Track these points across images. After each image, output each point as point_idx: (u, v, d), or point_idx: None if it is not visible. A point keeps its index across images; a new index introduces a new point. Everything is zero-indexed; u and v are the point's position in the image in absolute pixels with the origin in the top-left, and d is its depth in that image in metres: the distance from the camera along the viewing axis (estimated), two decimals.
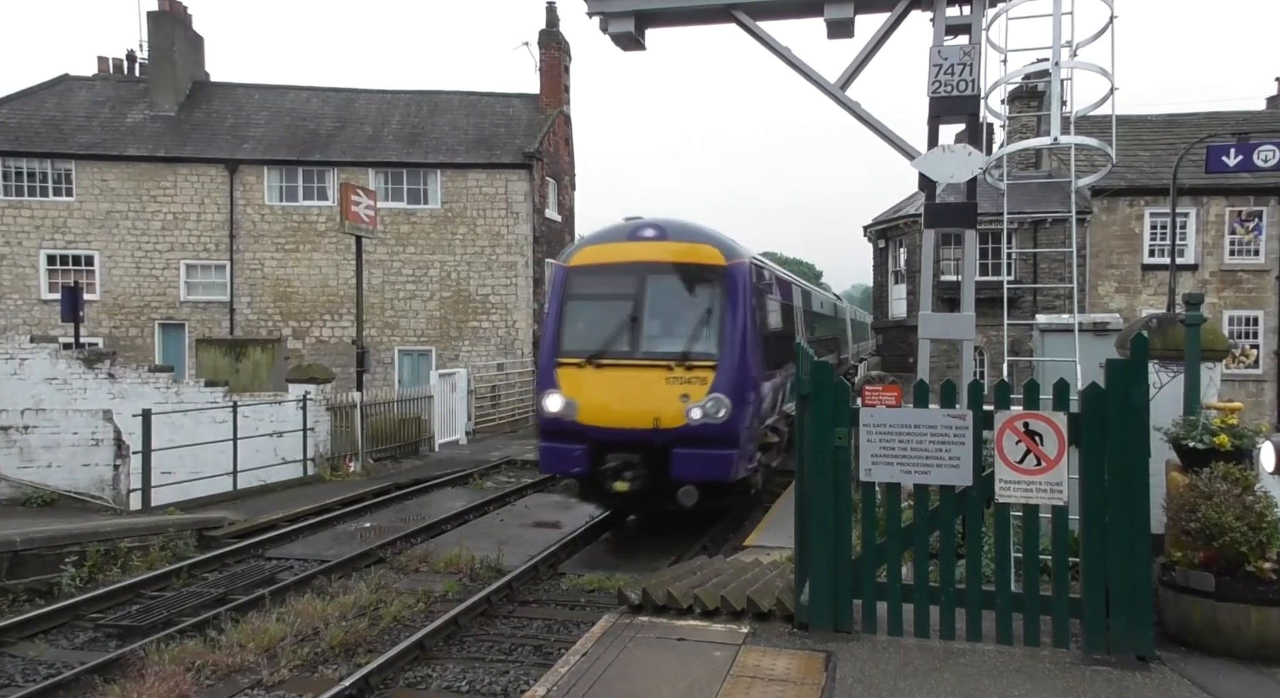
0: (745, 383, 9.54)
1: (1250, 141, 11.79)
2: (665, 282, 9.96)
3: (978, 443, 5.22)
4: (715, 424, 9.24)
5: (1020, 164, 24.61)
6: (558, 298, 10.42)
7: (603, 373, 9.68)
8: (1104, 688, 4.58)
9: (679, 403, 9.29)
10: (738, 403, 9.34)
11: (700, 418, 9.20)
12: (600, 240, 10.72)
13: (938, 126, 8.60)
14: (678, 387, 9.38)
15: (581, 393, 9.66)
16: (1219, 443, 5.47)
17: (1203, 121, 26.13)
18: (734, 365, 9.47)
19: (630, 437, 9.39)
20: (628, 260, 10.15)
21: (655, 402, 9.33)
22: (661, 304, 9.91)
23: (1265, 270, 24.83)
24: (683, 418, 9.24)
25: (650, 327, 9.83)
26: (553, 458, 9.96)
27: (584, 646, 5.29)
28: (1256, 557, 5.00)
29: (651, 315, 9.87)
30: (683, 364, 9.46)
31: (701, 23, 9.86)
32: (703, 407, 9.22)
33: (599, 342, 9.87)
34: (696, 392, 9.31)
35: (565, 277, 10.54)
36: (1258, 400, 24.25)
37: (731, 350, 9.53)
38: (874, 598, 5.43)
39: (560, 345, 10.09)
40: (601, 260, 10.40)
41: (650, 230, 10.27)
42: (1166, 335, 6.66)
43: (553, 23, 27.62)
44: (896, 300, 28.14)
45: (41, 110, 26.20)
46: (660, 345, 9.73)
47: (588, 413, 9.57)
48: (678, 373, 9.43)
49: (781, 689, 4.61)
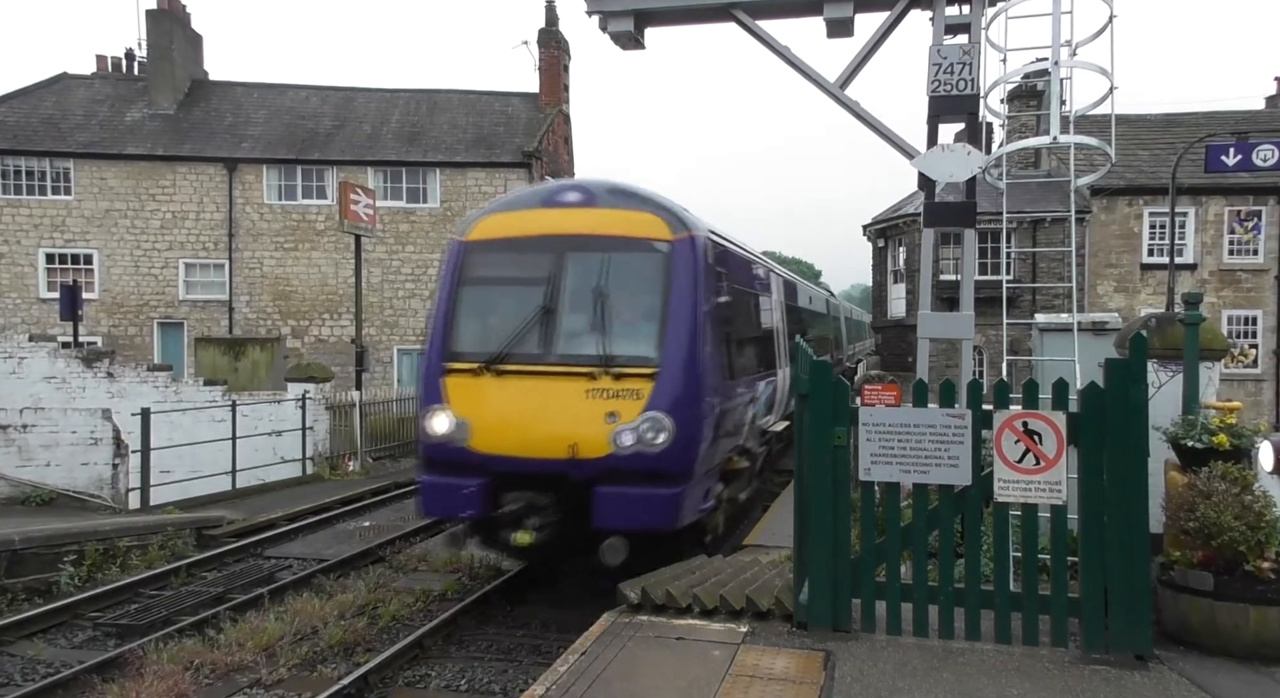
0: (696, 396, 7.40)
1: (1249, 141, 11.80)
2: (591, 261, 7.75)
3: (977, 442, 5.22)
4: (652, 453, 7.08)
5: (1019, 163, 24.61)
6: (449, 283, 8.18)
7: (505, 383, 7.51)
8: (1102, 687, 4.58)
9: (604, 425, 7.14)
10: (685, 423, 7.20)
11: (632, 445, 7.08)
12: (508, 207, 8.37)
13: (937, 126, 8.60)
14: (603, 402, 7.24)
15: (476, 410, 7.48)
16: (1218, 442, 5.47)
17: (1202, 121, 26.15)
18: (681, 373, 7.32)
19: (539, 469, 7.24)
20: (542, 233, 7.95)
21: (573, 422, 7.22)
22: (585, 291, 7.69)
23: (1264, 270, 24.86)
24: (608, 445, 7.10)
25: (570, 321, 7.65)
26: (436, 497, 7.62)
27: (583, 644, 5.29)
28: (1255, 556, 5.01)
29: (572, 306, 7.67)
30: (611, 372, 7.28)
31: (701, 22, 9.85)
32: (636, 429, 7.09)
33: (501, 341, 7.67)
34: (628, 409, 7.17)
35: (460, 254, 8.23)
36: (1256, 400, 24.28)
37: (677, 353, 7.34)
38: (873, 597, 5.43)
39: (450, 346, 7.87)
40: (508, 233, 8.12)
41: (573, 193, 8.05)
42: (1165, 335, 6.66)
43: (552, 22, 27.61)
44: (895, 300, 28.15)
45: (40, 109, 26.16)
46: (581, 346, 7.53)
47: (484, 436, 7.39)
48: (604, 384, 7.28)
49: (780, 689, 4.61)
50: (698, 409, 7.41)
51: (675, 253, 7.66)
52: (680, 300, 7.52)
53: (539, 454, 7.23)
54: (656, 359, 7.35)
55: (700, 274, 7.68)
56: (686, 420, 7.24)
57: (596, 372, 7.32)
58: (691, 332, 7.47)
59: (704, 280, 7.73)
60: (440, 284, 8.35)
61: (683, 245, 7.70)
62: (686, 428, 7.22)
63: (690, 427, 7.28)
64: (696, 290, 7.61)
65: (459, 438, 7.46)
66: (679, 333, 7.43)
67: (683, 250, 7.68)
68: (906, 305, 26.43)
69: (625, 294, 7.72)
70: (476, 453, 7.40)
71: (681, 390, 7.31)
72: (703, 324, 7.58)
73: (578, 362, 7.42)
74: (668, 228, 7.76)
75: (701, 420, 7.45)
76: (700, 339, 7.52)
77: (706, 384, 7.59)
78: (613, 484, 7.10)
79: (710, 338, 7.73)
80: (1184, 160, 18.32)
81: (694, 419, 7.34)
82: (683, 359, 7.39)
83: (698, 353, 7.48)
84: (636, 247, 7.75)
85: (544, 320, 7.63)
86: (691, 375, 7.41)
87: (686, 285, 7.58)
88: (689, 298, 7.55)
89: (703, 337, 7.56)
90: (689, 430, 7.26)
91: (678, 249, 7.68)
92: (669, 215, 7.87)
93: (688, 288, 7.57)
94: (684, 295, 7.54)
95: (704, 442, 7.50)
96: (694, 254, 7.71)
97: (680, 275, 7.60)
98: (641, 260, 7.73)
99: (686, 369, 7.39)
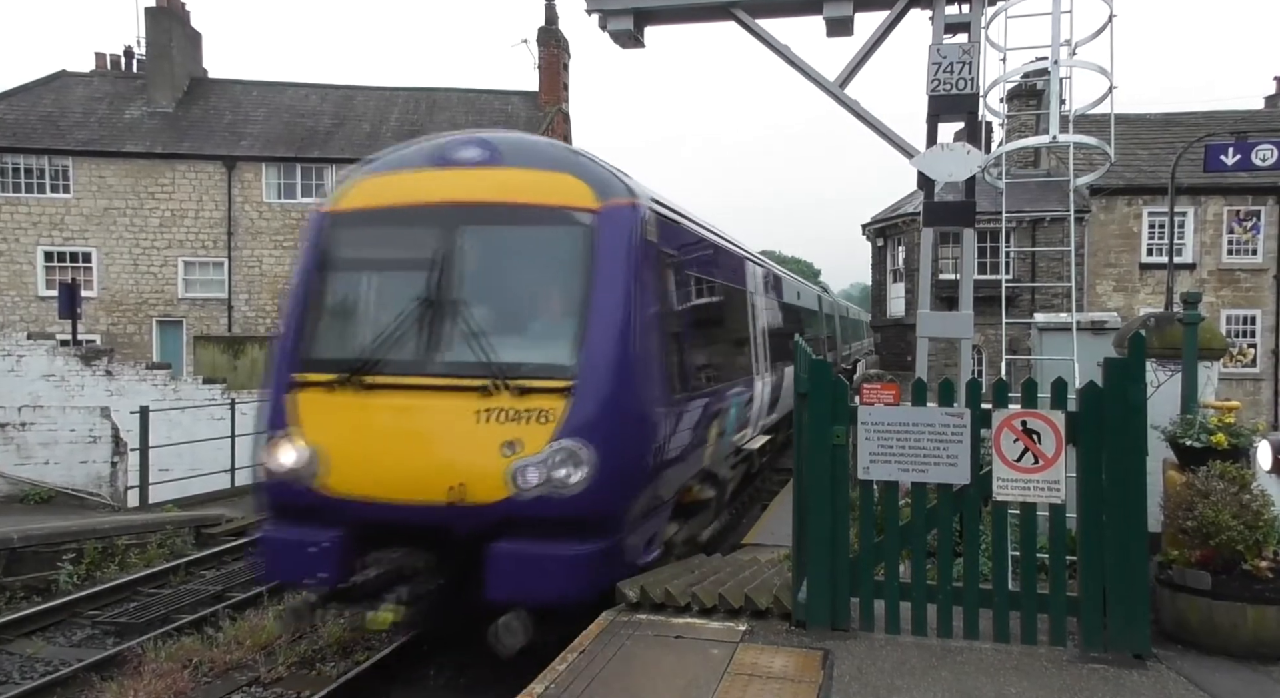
0: (628, 416, 5.76)
1: (1248, 141, 11.78)
2: (490, 238, 6.13)
3: (975, 441, 5.22)
4: (565, 496, 5.40)
5: (1019, 163, 24.62)
6: (306, 267, 6.39)
7: (371, 401, 5.75)
8: (1101, 686, 4.58)
9: (500, 457, 5.44)
10: (612, 453, 5.52)
11: (538, 485, 5.39)
12: (391, 167, 6.62)
13: (936, 125, 8.59)
14: (500, 427, 5.52)
15: (333, 437, 5.71)
16: (1216, 442, 5.48)
17: (1201, 121, 26.16)
18: (607, 386, 5.63)
19: (412, 518, 5.53)
20: (429, 201, 6.21)
21: (459, 454, 5.53)
22: (482, 278, 6.07)
23: (1263, 269, 24.88)
24: (506, 485, 5.41)
25: (459, 319, 5.88)
26: (277, 556, 5.85)
27: (581, 643, 5.29)
28: (1253, 555, 5.01)
29: (463, 298, 5.94)
30: (512, 386, 5.56)
31: (701, 20, 9.83)
32: (543, 463, 5.40)
33: (367, 345, 5.98)
34: (535, 436, 5.46)
35: (321, 229, 6.47)
36: (1255, 399, 24.30)
37: (603, 359, 5.66)
38: (871, 596, 5.43)
39: (302, 352, 6.13)
40: (386, 201, 6.37)
41: (472, 149, 6.30)
42: (1164, 334, 6.66)
43: (552, 20, 27.60)
44: (895, 299, 28.16)
45: (39, 106, 26.14)
46: (473, 352, 5.76)
47: (342, 473, 5.63)
48: (502, 402, 5.55)
49: (779, 687, 4.61)
50: (630, 434, 5.76)
51: (603, 226, 5.92)
52: (608, 289, 5.80)
53: (413, 498, 5.48)
54: (574, 368, 5.62)
55: (637, 255, 6.00)
56: (614, 450, 5.54)
57: (493, 385, 5.58)
58: (623, 331, 5.75)
59: (643, 263, 6.08)
60: (296, 269, 6.52)
61: (614, 216, 5.97)
62: (614, 460, 5.52)
63: (619, 457, 5.59)
64: (631, 276, 5.91)
65: (308, 475, 5.67)
66: (606, 333, 5.71)
67: (613, 223, 5.95)
68: (906, 304, 26.44)
69: (535, 281, 6.13)
70: (331, 496, 5.62)
71: (607, 410, 5.60)
72: (639, 321, 5.90)
73: (468, 372, 5.68)
74: (592, 193, 6.03)
75: (636, 448, 5.81)
76: (635, 340, 5.83)
77: (644, 399, 5.96)
78: (513, 539, 5.39)
79: (651, 339, 6.11)
80: (1183, 160, 18.32)
81: (625, 447, 5.69)
82: (610, 367, 5.67)
83: (631, 359, 5.78)
84: (551, 218, 6.02)
85: (425, 317, 5.89)
86: (622, 389, 5.71)
87: (618, 269, 5.87)
88: (620, 286, 5.83)
89: (639, 337, 5.88)
90: (617, 463, 5.56)
91: (607, 221, 5.94)
92: (595, 177, 6.15)
93: (619, 272, 5.86)
94: (614, 282, 5.82)
95: (640, 476, 5.90)
96: (629, 228, 6.00)
97: (609, 256, 5.87)
98: (558, 236, 6.04)
99: (615, 381, 5.67)
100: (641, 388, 5.94)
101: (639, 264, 6.03)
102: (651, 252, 6.29)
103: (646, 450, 5.97)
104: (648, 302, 6.11)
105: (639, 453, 5.88)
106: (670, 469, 6.51)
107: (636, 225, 6.10)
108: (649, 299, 6.14)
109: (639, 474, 5.89)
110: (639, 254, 6.05)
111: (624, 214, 6.06)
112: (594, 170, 6.29)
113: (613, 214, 6.01)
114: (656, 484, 6.25)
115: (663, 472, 6.33)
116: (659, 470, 6.22)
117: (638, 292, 5.96)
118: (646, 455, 5.97)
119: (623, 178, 6.47)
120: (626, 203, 6.14)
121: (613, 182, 6.26)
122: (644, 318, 6.02)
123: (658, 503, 6.40)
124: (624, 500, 5.76)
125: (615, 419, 5.68)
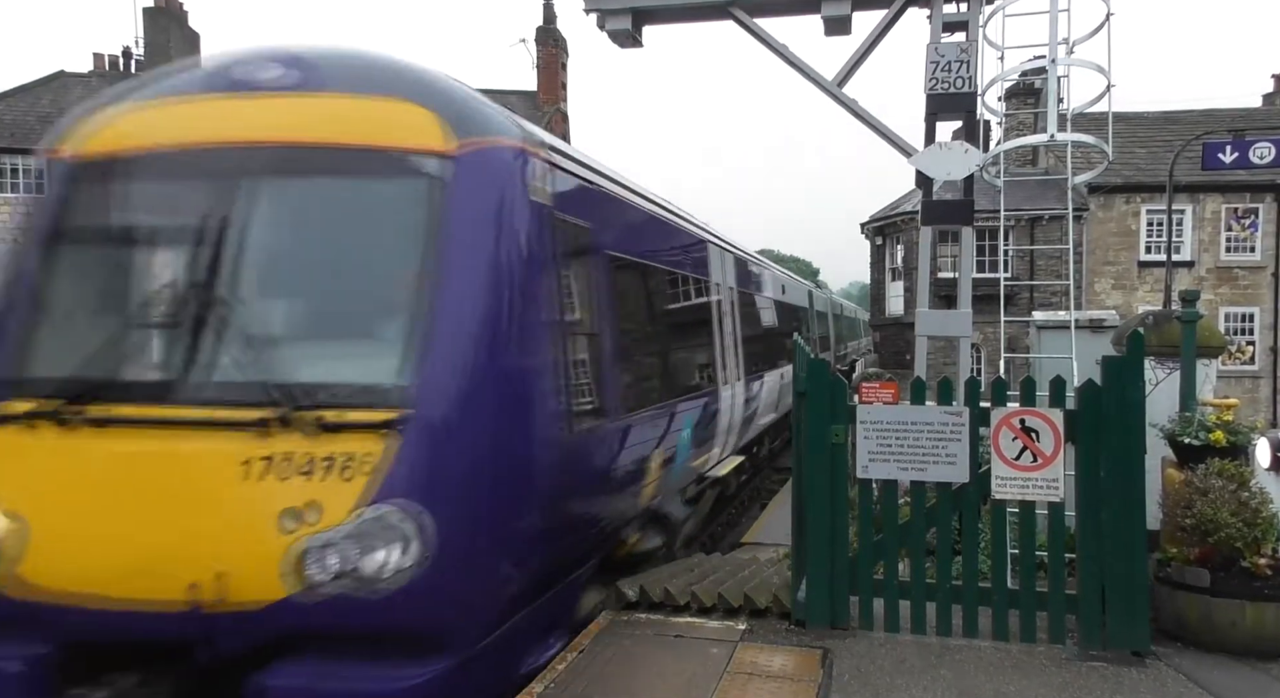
0: (495, 461, 3.92)
1: (1246, 139, 11.78)
2: (286, 197, 4.25)
3: (974, 440, 5.23)
4: (385, 594, 3.55)
5: (1017, 161, 24.62)
6: (24, 239, 4.39)
7: (91, 446, 3.80)
8: (1100, 684, 4.59)
9: (276, 534, 3.58)
10: (466, 523, 3.76)
11: (337, 577, 3.54)
12: (157, 95, 4.49)
13: (935, 124, 8.60)
14: (282, 485, 3.64)
15: (33, 502, 3.75)
16: (1214, 439, 5.48)
17: (1199, 119, 26.18)
18: (461, 417, 3.79)
19: (145, 629, 3.65)
20: (207, 142, 4.23)
21: (214, 527, 3.64)
22: (271, 257, 4.23)
23: (1261, 267, 24.91)
24: (286, 578, 3.56)
25: (232, 318, 3.96)
26: None
27: (581, 642, 5.29)
28: (1251, 553, 5.02)
29: (239, 288, 4.04)
30: (305, 420, 3.68)
31: (699, 20, 9.83)
32: (348, 544, 3.55)
33: (90, 359, 4.10)
34: (336, 498, 3.59)
35: (52, 183, 4.41)
36: (1253, 397, 24.33)
37: (454, 378, 3.82)
38: (871, 595, 5.43)
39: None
40: (142, 143, 4.34)
41: (274, 68, 4.31)
42: (1162, 332, 6.67)
43: (550, 20, 27.61)
44: (894, 298, 28.19)
45: (37, 107, 26.12)
46: (248, 367, 3.88)
47: (46, 561, 3.69)
48: (286, 444, 3.68)
49: (778, 686, 4.62)
50: (496, 488, 3.90)
51: (462, 177, 4.06)
52: (466, 271, 3.97)
53: (145, 597, 3.58)
54: (406, 391, 3.73)
55: (519, 221, 4.19)
56: (466, 515, 3.75)
57: (275, 419, 3.66)
58: (488, 332, 3.93)
59: (529, 234, 4.25)
60: (10, 242, 4.56)
61: (479, 164, 4.13)
62: (467, 531, 3.74)
63: (475, 527, 3.80)
64: (508, 252, 4.09)
65: None
66: (459, 336, 3.85)
67: (479, 173, 4.12)
68: (904, 303, 26.47)
69: (352, 261, 4.17)
70: (25, 598, 3.67)
71: (457, 453, 3.74)
72: (519, 317, 4.11)
73: (238, 398, 3.76)
74: (444, 129, 4.11)
75: (506, 509, 3.97)
76: (510, 347, 4.03)
77: (523, 433, 4.11)
78: (298, 663, 3.61)
79: (539, 344, 4.28)
80: (1181, 158, 18.32)
81: (486, 510, 3.86)
82: (465, 388, 3.82)
83: (500, 373, 3.96)
84: (379, 165, 4.14)
85: (182, 317, 3.95)
86: (484, 419, 3.86)
87: (483, 241, 4.04)
88: (486, 266, 4.01)
89: (517, 342, 4.08)
90: (472, 536, 3.77)
91: (468, 170, 4.09)
92: (451, 106, 4.24)
93: (485, 246, 4.04)
94: (475, 261, 4.00)
95: (512, 551, 4.07)
96: (503, 181, 4.20)
97: (470, 221, 4.02)
98: (388, 193, 4.18)
99: (473, 407, 3.83)
100: (518, 416, 4.08)
101: (522, 235, 4.17)
102: (545, 219, 4.43)
103: (525, 510, 4.11)
104: (536, 291, 4.28)
105: (511, 516, 4.00)
106: (578, 528, 4.86)
107: (517, 179, 4.24)
108: (538, 287, 4.31)
109: (510, 549, 4.02)
110: (522, 221, 4.19)
111: (496, 161, 4.19)
112: (449, 96, 4.33)
113: (478, 160, 4.11)
114: (550, 553, 4.44)
115: (561, 536, 4.57)
116: (554, 535, 4.44)
117: (518, 275, 4.12)
118: (524, 517, 4.10)
119: (497, 111, 4.51)
120: (502, 145, 4.25)
121: (481, 113, 4.33)
122: (528, 314, 4.19)
123: (555, 579, 4.66)
124: (482, 595, 3.89)
125: (471, 467, 3.77)
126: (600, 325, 5.26)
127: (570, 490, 4.64)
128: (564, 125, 28.63)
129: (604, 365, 5.23)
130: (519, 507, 4.10)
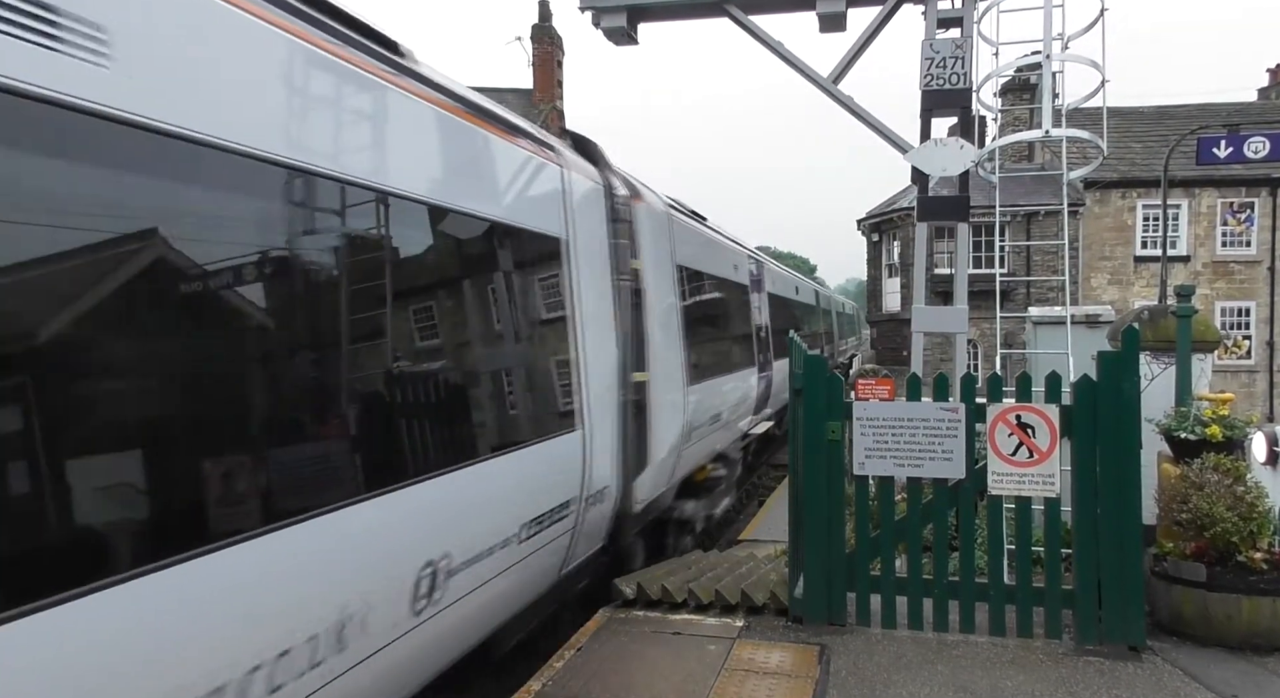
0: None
1: (1241, 133, 11.80)
2: None
3: (970, 436, 5.24)
4: None
5: (1013, 157, 24.65)
6: None
7: None
8: (1096, 678, 4.60)
9: None
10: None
11: None
12: None
13: (930, 120, 8.59)
14: None
15: None
16: (1210, 434, 5.49)
17: (1194, 113, 26.20)
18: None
19: None
20: None
21: None
22: None
23: (1256, 261, 24.94)
24: None
25: None
26: None
27: (579, 640, 5.30)
28: (1247, 547, 5.03)
29: None
30: None
31: (694, 17, 9.80)
32: None
33: None
34: None
35: None
36: (1249, 391, 24.37)
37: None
38: (868, 591, 5.45)
39: None
40: None
41: None
42: (1158, 327, 6.68)
43: (545, 17, 27.55)
44: (890, 294, 28.20)
45: None
46: None
47: None
48: None
49: (776, 682, 4.63)
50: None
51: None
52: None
53: None
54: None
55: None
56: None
57: None
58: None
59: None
60: None
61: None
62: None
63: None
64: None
65: None
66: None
67: None
68: (901, 299, 26.49)
69: None
70: None
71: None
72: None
73: None
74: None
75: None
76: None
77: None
78: None
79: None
80: (1176, 152, 18.34)
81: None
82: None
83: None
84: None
85: None
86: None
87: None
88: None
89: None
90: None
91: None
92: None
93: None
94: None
95: None
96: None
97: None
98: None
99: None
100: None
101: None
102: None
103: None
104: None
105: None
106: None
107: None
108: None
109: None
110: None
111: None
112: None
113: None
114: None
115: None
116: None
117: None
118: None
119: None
120: None
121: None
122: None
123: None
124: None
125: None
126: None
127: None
128: (560, 123, 28.60)
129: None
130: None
